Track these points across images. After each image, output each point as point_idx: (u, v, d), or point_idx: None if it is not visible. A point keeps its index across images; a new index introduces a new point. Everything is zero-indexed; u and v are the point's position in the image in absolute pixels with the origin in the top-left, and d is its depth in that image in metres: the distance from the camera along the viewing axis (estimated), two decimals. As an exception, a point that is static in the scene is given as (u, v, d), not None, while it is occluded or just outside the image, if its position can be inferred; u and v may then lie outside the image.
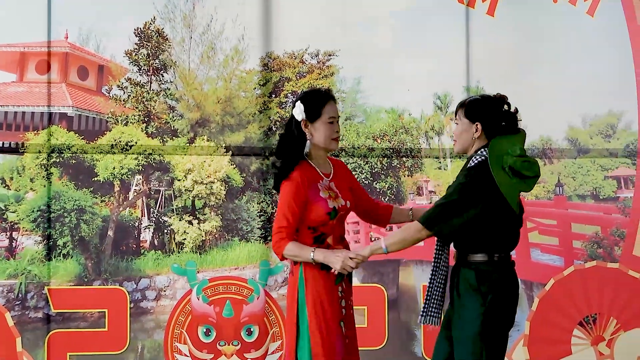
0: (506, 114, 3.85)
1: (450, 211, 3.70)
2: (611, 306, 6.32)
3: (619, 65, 6.39)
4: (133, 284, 5.97)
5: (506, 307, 3.79)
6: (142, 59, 5.98)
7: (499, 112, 3.84)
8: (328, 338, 3.86)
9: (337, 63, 6.25)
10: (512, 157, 3.69)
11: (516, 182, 3.69)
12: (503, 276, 3.80)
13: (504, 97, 3.88)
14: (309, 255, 3.82)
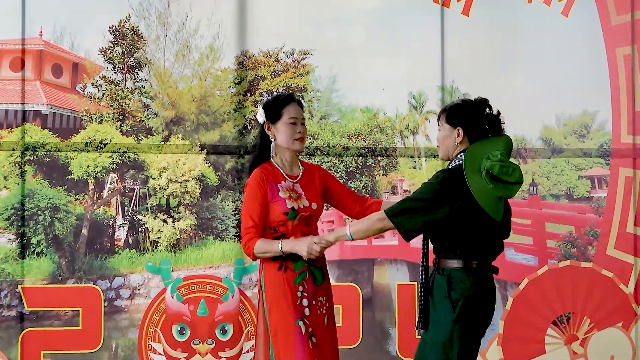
0: (488, 117, 3.94)
1: (415, 208, 3.80)
2: (585, 305, 6.53)
3: (593, 65, 6.61)
4: (107, 282, 6.09)
5: (477, 314, 3.86)
6: (116, 56, 6.13)
7: (480, 116, 3.92)
8: (285, 338, 4.03)
9: (312, 62, 6.42)
10: (490, 162, 3.73)
11: (493, 188, 3.73)
12: (477, 283, 3.85)
13: (485, 101, 3.99)
14: (277, 248, 4.01)
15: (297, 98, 4.28)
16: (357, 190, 6.46)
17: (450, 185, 3.78)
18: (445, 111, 4.05)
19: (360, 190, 6.47)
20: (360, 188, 6.47)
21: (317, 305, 4.15)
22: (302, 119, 4.20)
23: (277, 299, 4.08)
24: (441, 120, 4.05)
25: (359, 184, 6.46)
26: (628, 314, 6.58)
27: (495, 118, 3.94)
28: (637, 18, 6.58)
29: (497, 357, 6.44)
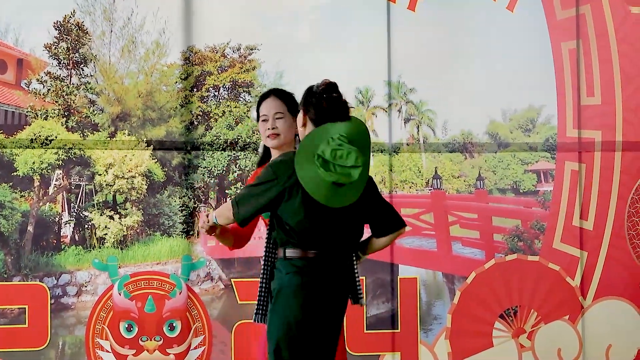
0: (331, 100, 4.05)
1: (248, 195, 4.01)
2: (532, 299, 7.07)
3: (539, 60, 7.17)
4: (53, 279, 6.42)
5: (294, 305, 3.96)
6: (62, 52, 6.51)
7: (321, 100, 4.06)
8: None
9: (258, 57, 6.90)
10: (325, 145, 3.86)
11: (324, 172, 3.84)
12: (298, 273, 3.97)
13: (328, 84, 4.11)
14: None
15: (273, 91, 4.54)
16: None
17: (277, 171, 3.95)
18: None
19: None
20: None
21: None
22: (276, 113, 4.42)
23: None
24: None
25: None
26: (574, 307, 7.09)
27: (339, 102, 4.04)
28: (581, 13, 7.16)
29: (444, 351, 6.96)
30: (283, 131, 4.41)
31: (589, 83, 7.22)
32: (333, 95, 4.04)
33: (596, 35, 7.24)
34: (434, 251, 7.11)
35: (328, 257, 4.01)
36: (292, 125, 4.40)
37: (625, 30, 7.28)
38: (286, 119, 4.41)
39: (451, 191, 7.22)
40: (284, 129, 4.40)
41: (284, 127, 4.40)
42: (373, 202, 4.10)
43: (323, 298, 4.01)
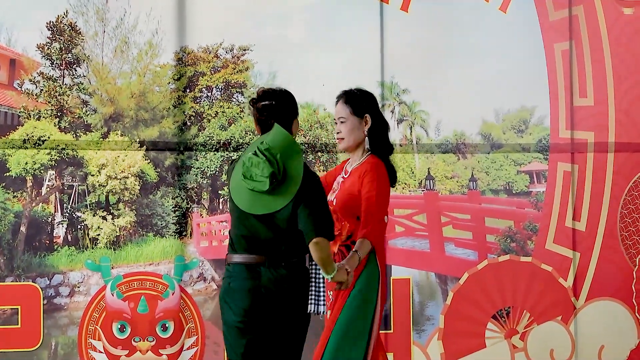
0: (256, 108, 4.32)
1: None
2: (524, 299, 7.19)
3: (532, 60, 7.31)
4: (46, 280, 6.47)
5: (224, 307, 4.31)
6: (54, 53, 6.57)
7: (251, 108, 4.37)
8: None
9: (251, 58, 6.99)
10: (246, 154, 4.12)
11: (243, 181, 4.11)
12: (228, 276, 4.31)
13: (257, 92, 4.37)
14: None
15: (341, 95, 4.70)
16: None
17: (228, 177, 4.31)
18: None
19: None
20: None
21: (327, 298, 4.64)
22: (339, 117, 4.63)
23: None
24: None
25: None
26: (567, 308, 7.26)
27: (263, 110, 4.26)
28: (574, 14, 7.29)
29: (437, 352, 7.07)
30: (346, 135, 4.60)
31: (582, 84, 7.36)
32: (262, 103, 4.22)
33: (589, 36, 7.37)
34: (427, 252, 7.18)
35: (253, 263, 4.18)
36: (357, 128, 4.57)
37: (617, 31, 7.42)
38: (348, 123, 4.59)
39: (444, 192, 7.31)
40: (346, 132, 4.60)
41: (346, 130, 4.59)
42: (299, 209, 4.14)
43: (244, 304, 4.20)
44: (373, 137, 4.59)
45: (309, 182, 4.13)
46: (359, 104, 4.58)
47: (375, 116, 4.60)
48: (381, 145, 4.59)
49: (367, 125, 4.56)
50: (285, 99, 4.32)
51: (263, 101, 4.25)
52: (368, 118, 4.56)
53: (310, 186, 4.13)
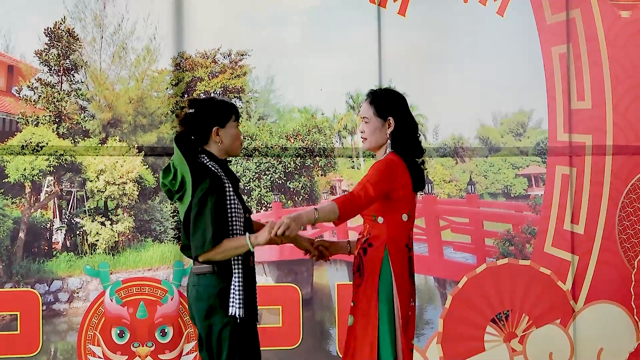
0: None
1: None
2: (523, 303, 7.26)
3: (529, 64, 7.40)
4: (45, 286, 6.60)
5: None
6: (52, 59, 6.70)
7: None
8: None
9: (249, 62, 7.11)
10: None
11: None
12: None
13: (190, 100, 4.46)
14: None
15: (368, 94, 4.66)
16: (295, 190, 7.11)
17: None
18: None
19: (299, 191, 7.11)
20: (299, 189, 7.10)
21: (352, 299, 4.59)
22: (363, 117, 4.61)
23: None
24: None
25: (297, 184, 7.10)
26: (566, 311, 7.33)
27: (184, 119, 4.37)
28: (572, 17, 7.40)
29: (436, 356, 7.13)
30: (368, 135, 4.58)
31: (579, 87, 7.42)
32: (187, 112, 4.33)
33: (586, 39, 7.46)
34: (426, 256, 7.24)
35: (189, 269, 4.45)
36: (379, 130, 4.54)
37: (615, 34, 7.50)
38: (371, 124, 4.55)
39: (442, 196, 7.40)
40: (368, 133, 4.57)
41: (368, 131, 4.55)
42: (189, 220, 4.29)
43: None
44: (397, 140, 4.52)
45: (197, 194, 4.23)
46: (383, 106, 4.54)
47: (401, 118, 4.56)
48: (406, 148, 4.55)
49: (389, 128, 4.53)
50: (204, 108, 4.36)
51: (189, 109, 4.34)
52: (391, 121, 4.52)
53: (197, 199, 4.22)
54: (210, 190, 4.20)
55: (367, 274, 4.43)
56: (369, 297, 4.42)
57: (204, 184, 4.21)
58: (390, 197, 4.40)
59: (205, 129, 4.33)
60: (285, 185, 7.17)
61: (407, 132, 4.55)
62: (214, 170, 4.27)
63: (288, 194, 7.16)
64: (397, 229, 4.46)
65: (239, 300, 4.24)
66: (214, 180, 4.23)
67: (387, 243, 4.42)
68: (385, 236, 4.43)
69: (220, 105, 4.41)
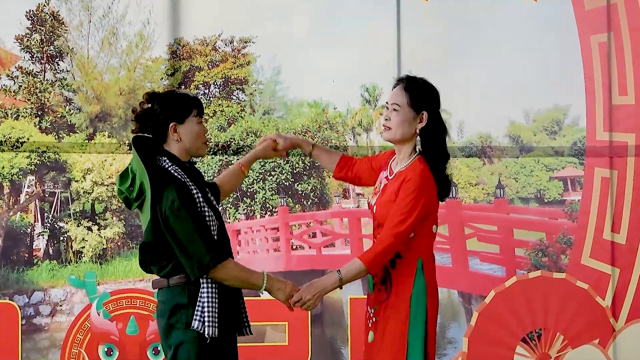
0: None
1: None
2: (557, 320, 7.00)
3: (565, 54, 7.14)
4: (25, 297, 6.50)
5: None
6: (35, 45, 6.57)
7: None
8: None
9: (253, 51, 6.95)
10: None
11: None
12: None
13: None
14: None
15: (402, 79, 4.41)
16: (304, 193, 6.96)
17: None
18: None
19: (308, 193, 6.96)
20: (309, 191, 6.95)
21: (366, 317, 4.45)
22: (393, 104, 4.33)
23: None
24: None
25: (306, 186, 6.94)
26: (605, 330, 7.05)
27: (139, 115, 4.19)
28: (613, 2, 7.11)
29: None
30: (394, 125, 4.28)
31: (621, 80, 7.14)
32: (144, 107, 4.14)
33: (629, 28, 7.17)
34: (449, 267, 7.09)
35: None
36: (409, 122, 4.26)
37: (661, 22, 7.21)
38: (401, 113, 4.25)
39: (468, 200, 7.26)
40: (395, 123, 4.27)
41: (396, 121, 4.26)
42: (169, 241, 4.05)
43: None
44: (425, 139, 4.27)
45: (164, 205, 3.96)
46: (419, 96, 4.25)
47: (433, 116, 4.27)
48: (433, 150, 4.29)
49: (421, 123, 4.24)
50: (160, 101, 4.12)
51: (142, 105, 4.14)
52: (425, 116, 4.22)
53: (169, 212, 3.95)
54: (181, 199, 3.95)
55: (397, 288, 4.23)
56: (399, 313, 4.23)
57: (168, 192, 3.95)
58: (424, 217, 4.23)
59: (161, 125, 4.07)
60: (293, 188, 7.01)
61: (438, 133, 4.30)
62: (176, 175, 4.01)
63: (296, 197, 6.98)
64: (428, 241, 4.30)
65: (208, 315, 3.99)
66: (179, 188, 3.98)
67: (421, 256, 4.25)
68: (417, 249, 4.24)
69: (178, 99, 4.15)
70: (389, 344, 4.23)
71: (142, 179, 3.98)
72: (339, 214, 7.13)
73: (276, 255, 6.91)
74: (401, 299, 4.21)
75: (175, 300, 4.00)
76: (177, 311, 3.99)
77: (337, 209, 7.06)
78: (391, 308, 4.24)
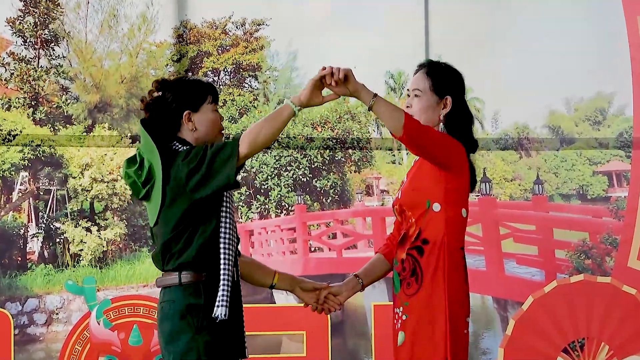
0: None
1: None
2: (602, 329, 6.72)
3: (609, 37, 6.91)
4: (18, 305, 6.37)
5: None
6: (28, 28, 6.46)
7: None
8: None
9: (267, 34, 6.83)
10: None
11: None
12: None
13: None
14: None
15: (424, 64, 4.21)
16: (323, 190, 6.81)
17: None
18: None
19: (327, 190, 6.81)
20: (328, 188, 6.81)
21: (394, 320, 4.23)
22: (414, 90, 4.16)
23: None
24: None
25: (325, 182, 6.80)
26: None
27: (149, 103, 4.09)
28: None
29: None
30: (416, 112, 4.06)
31: None
32: (153, 96, 4.00)
33: None
34: (483, 271, 6.93)
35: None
36: (432, 108, 4.06)
37: None
38: (423, 99, 4.06)
39: (503, 197, 7.11)
40: (417, 109, 4.07)
41: (418, 107, 4.06)
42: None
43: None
44: (450, 126, 4.08)
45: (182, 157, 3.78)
46: (442, 81, 4.03)
47: (458, 101, 4.08)
48: (459, 138, 4.07)
49: (445, 109, 4.04)
50: (172, 89, 3.96)
51: (152, 94, 3.97)
52: (449, 101, 4.02)
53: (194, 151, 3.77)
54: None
55: (429, 277, 3.94)
56: (435, 307, 3.94)
57: (179, 155, 3.77)
58: (450, 173, 3.97)
59: (174, 114, 3.90)
60: (311, 184, 6.88)
61: (463, 120, 4.11)
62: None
63: (314, 194, 6.86)
64: (456, 224, 4.03)
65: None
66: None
67: (447, 239, 3.98)
68: (444, 230, 3.97)
69: (191, 85, 3.99)
70: (423, 348, 3.95)
71: (151, 160, 3.80)
72: (361, 212, 7.01)
73: (293, 258, 6.76)
74: (436, 290, 3.96)
75: (187, 301, 3.78)
76: (189, 313, 3.77)
77: (360, 208, 6.91)
78: (424, 303, 3.97)
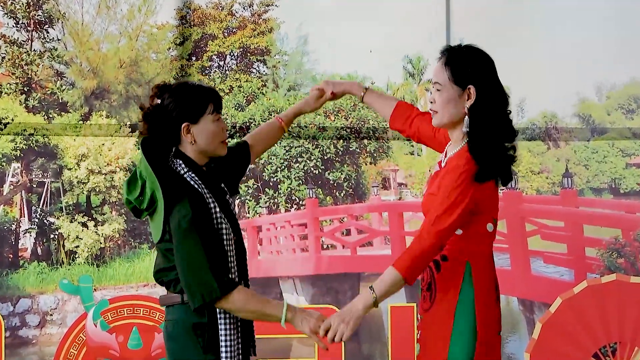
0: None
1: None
2: (636, 333, 6.59)
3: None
4: (9, 305, 6.29)
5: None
6: (20, 9, 6.41)
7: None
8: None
9: (276, 16, 6.82)
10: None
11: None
12: None
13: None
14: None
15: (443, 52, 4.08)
16: (337, 183, 6.75)
17: None
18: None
19: (341, 183, 6.76)
20: (342, 181, 6.75)
21: (417, 325, 4.27)
22: (435, 83, 4.04)
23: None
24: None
25: (339, 174, 6.73)
26: None
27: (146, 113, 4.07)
28: None
29: None
30: (439, 107, 3.93)
31: None
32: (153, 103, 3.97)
33: None
34: (508, 270, 6.85)
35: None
36: (454, 101, 3.89)
37: None
38: (444, 92, 3.89)
39: (530, 191, 7.06)
40: (439, 104, 3.92)
41: (440, 102, 3.92)
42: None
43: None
44: (478, 117, 3.88)
45: (173, 219, 3.81)
46: (462, 69, 3.84)
47: (485, 88, 3.87)
48: (490, 129, 3.87)
49: (469, 100, 3.85)
50: (170, 97, 3.91)
51: (151, 99, 3.94)
52: (472, 90, 3.82)
53: (179, 232, 3.80)
54: (194, 216, 3.78)
55: (441, 295, 3.95)
56: (442, 325, 3.91)
57: (180, 206, 3.79)
58: (474, 212, 3.88)
59: (173, 126, 3.89)
60: (323, 176, 6.81)
61: (493, 108, 3.88)
62: (192, 184, 3.87)
63: (327, 187, 6.82)
64: (481, 241, 3.94)
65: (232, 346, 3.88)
66: (194, 201, 3.81)
67: (469, 259, 3.91)
68: (466, 250, 3.91)
69: (192, 94, 3.94)
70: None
71: (153, 188, 3.81)
72: (377, 207, 7.00)
73: (304, 256, 6.70)
74: (445, 307, 3.96)
75: (191, 320, 3.82)
76: (195, 332, 3.83)
77: (376, 202, 6.82)
78: (433, 320, 4.00)
